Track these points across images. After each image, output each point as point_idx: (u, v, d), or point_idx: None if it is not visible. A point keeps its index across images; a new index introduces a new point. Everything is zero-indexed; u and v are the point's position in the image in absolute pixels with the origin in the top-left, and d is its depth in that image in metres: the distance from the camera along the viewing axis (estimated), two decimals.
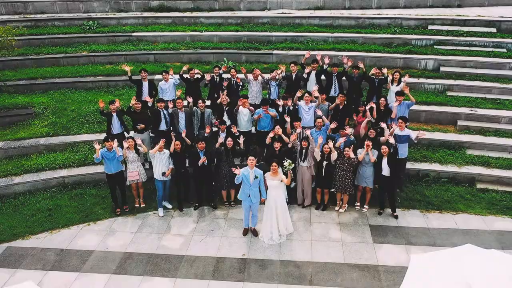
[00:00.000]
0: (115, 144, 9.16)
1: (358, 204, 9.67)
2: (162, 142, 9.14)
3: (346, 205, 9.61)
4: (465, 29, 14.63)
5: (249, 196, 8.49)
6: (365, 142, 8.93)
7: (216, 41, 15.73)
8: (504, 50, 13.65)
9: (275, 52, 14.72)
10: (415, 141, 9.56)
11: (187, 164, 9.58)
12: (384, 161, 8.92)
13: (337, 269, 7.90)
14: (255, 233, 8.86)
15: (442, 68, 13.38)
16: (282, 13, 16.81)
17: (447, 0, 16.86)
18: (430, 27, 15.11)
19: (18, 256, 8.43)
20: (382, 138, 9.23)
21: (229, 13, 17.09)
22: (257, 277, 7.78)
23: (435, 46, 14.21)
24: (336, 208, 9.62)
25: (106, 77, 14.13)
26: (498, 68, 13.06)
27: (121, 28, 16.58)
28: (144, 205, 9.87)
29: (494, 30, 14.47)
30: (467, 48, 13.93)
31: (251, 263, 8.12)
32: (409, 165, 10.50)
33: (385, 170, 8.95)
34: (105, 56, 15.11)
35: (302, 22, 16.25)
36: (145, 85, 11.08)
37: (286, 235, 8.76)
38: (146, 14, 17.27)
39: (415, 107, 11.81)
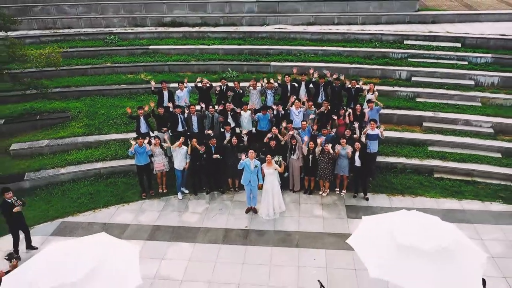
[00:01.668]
0: (145, 141, 11.59)
1: (338, 189, 12.06)
2: (182, 139, 11.56)
3: (328, 190, 12.01)
4: (435, 44, 17.03)
5: (250, 181, 10.90)
6: (341, 140, 11.35)
7: (222, 53, 18.17)
8: (466, 62, 16.03)
9: (272, 63, 17.14)
10: (382, 138, 11.98)
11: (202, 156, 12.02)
12: (357, 155, 11.31)
13: (317, 237, 10.30)
14: (255, 211, 11.26)
15: (413, 78, 15.78)
16: (279, 28, 19.23)
17: (423, 17, 19.24)
18: (405, 41, 17.52)
19: (71, 228, 10.84)
20: (355, 136, 11.64)
21: (232, 28, 19.52)
22: (257, 242, 10.19)
23: (409, 59, 16.63)
24: (320, 192, 12.01)
25: (128, 85, 16.56)
26: (459, 78, 15.45)
27: (139, 42, 19.02)
28: (166, 190, 12.26)
29: (459, 45, 16.86)
30: (435, 60, 16.34)
31: (252, 232, 10.53)
32: (380, 158, 12.88)
33: (357, 162, 11.32)
34: (126, 67, 17.53)
35: (296, 36, 18.68)
36: (165, 94, 13.48)
37: (279, 213, 11.16)
38: (160, 29, 19.71)
39: (389, 111, 14.35)
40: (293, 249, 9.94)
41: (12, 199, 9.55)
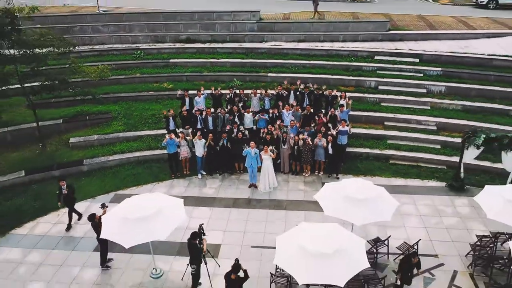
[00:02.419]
0: (173, 135, 15.52)
1: (317, 171, 15.98)
2: (199, 133, 15.48)
3: (309, 171, 15.92)
4: (398, 59, 20.93)
5: (251, 164, 14.81)
6: (318, 135, 15.26)
7: (228, 65, 22.04)
8: (422, 74, 19.92)
9: (269, 74, 21.03)
10: (350, 133, 15.87)
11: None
12: (329, 146, 15.22)
13: (300, 203, 14.20)
14: (255, 186, 15.19)
15: (380, 87, 19.69)
16: (275, 45, 23.14)
17: (392, 36, 23.13)
18: (376, 57, 21.41)
19: (122, 198, 14.44)
20: (329, 132, 15.55)
21: (237, 45, 23.41)
22: (256, 206, 14.11)
23: (377, 71, 20.53)
24: (303, 173, 15.93)
25: (155, 92, 20.43)
26: (415, 87, 19.33)
27: (161, 56, 22.91)
28: (189, 172, 16.14)
29: (417, 60, 20.75)
30: (398, 73, 20.25)
31: (253, 200, 14.46)
32: (350, 149, 16.72)
33: (330, 151, 15.21)
34: (152, 77, 21.43)
35: (288, 52, 22.56)
36: (187, 100, 17.43)
37: (273, 187, 15.08)
38: (177, 45, 23.61)
39: (359, 113, 18.24)
40: (282, 211, 13.87)
41: (63, 187, 12.91)
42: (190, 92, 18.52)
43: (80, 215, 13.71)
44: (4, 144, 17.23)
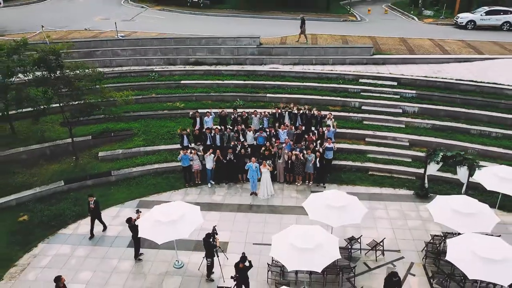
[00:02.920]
0: (188, 151, 18.44)
1: (307, 181, 18.89)
2: (211, 150, 18.41)
3: (301, 181, 18.84)
4: (380, 82, 23.88)
5: (252, 176, 17.74)
6: (308, 151, 18.19)
7: (232, 87, 24.94)
8: (399, 96, 22.85)
9: (268, 95, 23.95)
10: (335, 149, 18.79)
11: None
12: (317, 160, 18.14)
13: (292, 208, 17.09)
14: (256, 194, 18.10)
15: (363, 107, 22.62)
16: (273, 68, 26.08)
17: (376, 60, 26.08)
18: (360, 80, 24.35)
19: (147, 204, 17.58)
20: (317, 148, 18.49)
21: (239, 67, 26.33)
22: (257, 211, 17.03)
23: (361, 93, 23.46)
24: (296, 183, 18.87)
25: (169, 111, 23.33)
26: (393, 108, 22.26)
27: (173, 78, 25.82)
28: (200, 182, 19.05)
29: (396, 83, 23.67)
30: (378, 94, 23.18)
31: (254, 206, 17.38)
32: (336, 161, 19.61)
33: (318, 164, 18.15)
34: (165, 97, 24.35)
35: (284, 74, 25.49)
36: (198, 120, 20.37)
37: (271, 195, 18.01)
38: (187, 68, 26.55)
39: (344, 130, 21.13)
40: (277, 215, 16.79)
41: (91, 202, 15.45)
42: (200, 111, 21.57)
43: (105, 227, 16.06)
44: (44, 158, 20.12)
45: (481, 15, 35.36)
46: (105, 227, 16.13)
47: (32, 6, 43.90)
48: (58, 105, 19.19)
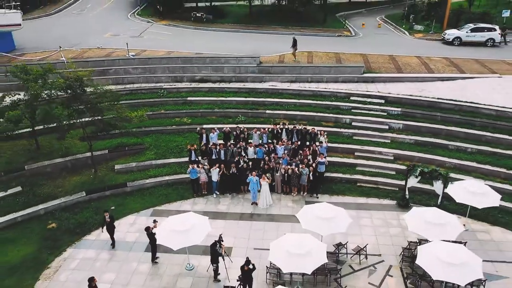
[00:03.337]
0: (196, 165, 20.58)
1: (302, 192, 21.03)
2: (217, 165, 20.54)
3: (296, 192, 20.98)
4: (368, 100, 26.03)
5: (253, 188, 19.88)
6: (302, 165, 20.32)
7: (234, 103, 27.04)
8: (385, 113, 24.99)
9: (267, 111, 26.07)
10: (326, 164, 20.93)
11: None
12: (311, 174, 20.27)
13: (288, 217, 19.18)
14: (256, 203, 20.23)
15: (353, 123, 24.75)
16: (272, 85, 28.22)
17: (365, 78, 28.22)
18: (351, 98, 26.50)
19: (160, 212, 19.73)
20: (310, 162, 20.62)
21: (241, 85, 28.45)
22: (257, 219, 19.16)
23: (352, 110, 25.59)
24: (292, 194, 21.00)
25: (177, 126, 25.45)
26: (380, 124, 24.37)
27: (180, 94, 27.94)
28: (206, 192, 21.17)
29: (383, 101, 25.82)
30: (367, 111, 25.30)
31: (254, 215, 19.50)
32: (328, 174, 21.72)
33: (311, 177, 20.31)
34: (173, 113, 26.47)
35: (282, 92, 27.61)
36: (204, 136, 22.52)
37: (269, 204, 20.14)
38: (193, 85, 28.67)
39: (336, 145, 23.26)
40: (275, 223, 18.92)
41: (106, 217, 17.26)
42: (205, 126, 23.74)
43: (113, 244, 17.53)
44: (66, 170, 22.24)
45: (466, 32, 37.55)
46: (113, 244, 17.54)
47: (41, 21, 45.98)
48: (78, 120, 21.19)
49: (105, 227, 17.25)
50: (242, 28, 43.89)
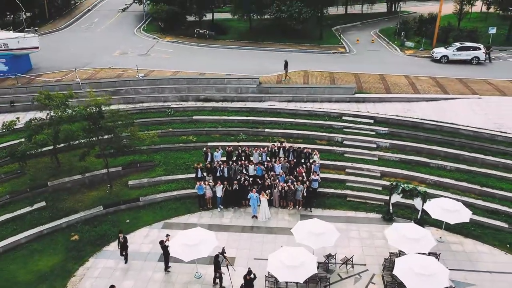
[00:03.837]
0: (202, 182, 22.78)
1: (297, 206, 23.23)
2: (219, 182, 22.75)
3: (292, 206, 23.18)
4: (359, 120, 28.26)
5: (254, 203, 22.09)
6: (297, 182, 22.54)
7: (236, 122, 29.24)
8: (374, 133, 27.21)
9: (266, 130, 28.28)
10: (319, 181, 23.13)
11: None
12: (305, 190, 22.46)
13: (285, 229, 21.29)
14: (256, 217, 22.42)
15: (344, 142, 26.95)
16: (270, 105, 30.44)
17: (356, 99, 30.44)
18: (343, 117, 28.72)
19: (170, 225, 21.88)
20: (304, 180, 22.82)
21: (242, 104, 30.64)
22: (257, 231, 21.34)
23: (343, 129, 27.83)
24: (288, 208, 23.20)
25: (183, 144, 27.62)
26: (369, 143, 26.58)
27: (186, 113, 30.12)
28: (211, 206, 23.34)
29: (372, 121, 28.07)
30: (357, 130, 27.53)
31: (254, 227, 21.70)
32: (320, 189, 23.87)
33: (305, 193, 22.50)
34: (180, 131, 28.66)
35: (280, 111, 29.80)
36: (209, 155, 24.74)
37: (268, 218, 22.34)
38: (198, 104, 30.88)
39: (329, 162, 25.48)
40: (273, 235, 21.09)
41: (120, 237, 19.40)
42: (209, 144, 25.98)
43: (126, 260, 19.26)
44: (85, 186, 24.45)
45: (453, 51, 39.86)
46: (126, 260, 19.22)
47: (53, 37, 48.11)
48: (96, 139, 23.33)
49: (119, 246, 19.29)
50: (243, 44, 46.13)
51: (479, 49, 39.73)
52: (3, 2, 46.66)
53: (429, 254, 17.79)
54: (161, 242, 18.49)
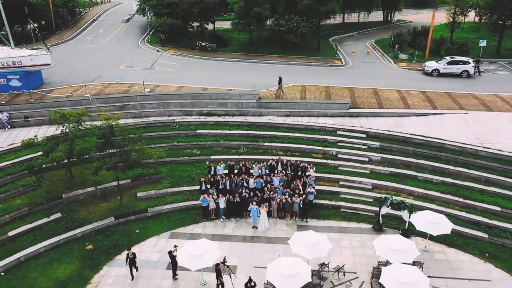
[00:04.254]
0: (206, 195, 24.49)
1: (294, 217, 24.93)
2: (221, 195, 24.46)
3: (290, 217, 24.88)
4: (352, 134, 29.97)
5: (254, 214, 23.79)
6: (295, 195, 24.26)
7: (237, 135, 30.91)
8: (366, 147, 28.93)
9: (265, 144, 29.97)
10: (315, 193, 24.84)
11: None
12: (301, 202, 24.17)
13: (283, 239, 23.02)
14: (256, 227, 24.13)
15: (339, 155, 28.66)
16: (269, 119, 32.15)
17: (351, 113, 32.15)
18: (338, 132, 30.42)
19: (177, 235, 23.56)
20: (301, 192, 24.53)
21: (243, 118, 32.32)
22: (257, 241, 23.04)
23: (338, 143, 29.54)
24: (286, 219, 24.91)
25: (188, 157, 29.31)
26: (361, 156, 28.27)
27: (190, 127, 31.79)
28: (214, 217, 25.05)
29: (364, 135, 29.78)
30: (351, 145, 29.26)
31: (254, 237, 23.42)
32: (316, 200, 25.63)
33: (302, 205, 24.21)
34: (185, 145, 30.33)
35: (278, 125, 31.50)
36: (212, 168, 26.45)
37: (267, 228, 24.05)
38: (201, 118, 32.58)
39: (324, 175, 27.20)
40: (272, 244, 22.78)
41: (129, 253, 21.04)
42: (212, 157, 27.69)
43: (132, 278, 20.48)
44: (96, 198, 26.15)
45: (443, 64, 41.59)
46: (132, 278, 20.47)
47: (60, 49, 49.76)
48: (107, 154, 25.03)
49: (128, 262, 20.57)
50: (243, 57, 47.83)
51: (469, 63, 41.46)
52: (11, 14, 48.32)
53: (414, 263, 19.53)
54: (170, 252, 20.20)
